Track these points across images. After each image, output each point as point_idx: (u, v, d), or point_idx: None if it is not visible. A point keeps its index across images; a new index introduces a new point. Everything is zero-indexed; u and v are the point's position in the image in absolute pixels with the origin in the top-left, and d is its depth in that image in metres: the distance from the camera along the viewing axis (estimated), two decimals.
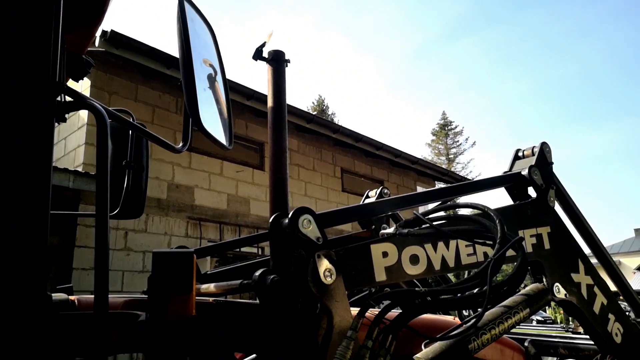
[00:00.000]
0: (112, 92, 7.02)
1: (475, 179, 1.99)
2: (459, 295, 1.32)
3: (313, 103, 42.81)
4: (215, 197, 8.16)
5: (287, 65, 1.73)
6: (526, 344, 1.94)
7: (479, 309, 1.73)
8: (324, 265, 1.35)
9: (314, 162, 10.39)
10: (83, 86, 7.07)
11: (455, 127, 44.37)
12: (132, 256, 6.79)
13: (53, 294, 1.37)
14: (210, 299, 1.49)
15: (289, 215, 1.35)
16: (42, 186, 0.88)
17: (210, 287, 1.65)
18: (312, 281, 1.32)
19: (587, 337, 2.61)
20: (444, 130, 43.92)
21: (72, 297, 1.43)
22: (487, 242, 1.50)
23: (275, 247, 1.38)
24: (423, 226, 1.59)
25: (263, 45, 1.66)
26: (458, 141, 43.77)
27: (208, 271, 2.16)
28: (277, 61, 1.70)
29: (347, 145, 10.48)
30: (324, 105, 42.49)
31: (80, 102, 0.94)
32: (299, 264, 1.31)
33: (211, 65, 1.62)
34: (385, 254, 1.54)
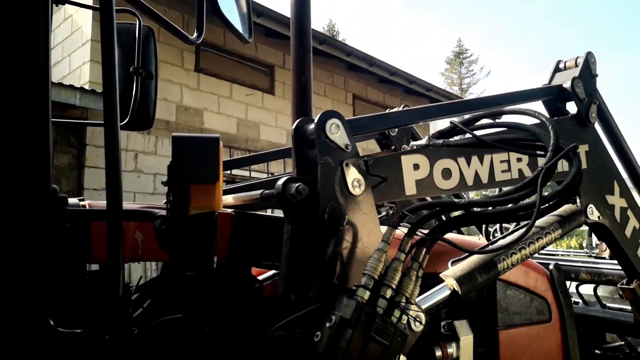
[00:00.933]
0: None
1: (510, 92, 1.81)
2: (503, 206, 1.21)
3: (323, 28, 41.17)
4: (225, 120, 8.00)
5: None
6: (551, 267, 1.87)
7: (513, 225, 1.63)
8: (353, 174, 1.24)
9: (325, 87, 10.08)
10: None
11: (470, 55, 42.81)
12: (142, 178, 6.79)
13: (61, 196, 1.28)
14: (229, 210, 1.40)
15: (316, 120, 1.22)
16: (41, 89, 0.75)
17: (228, 198, 1.57)
18: (339, 191, 1.21)
19: (610, 262, 2.56)
20: (459, 58, 42.39)
21: (82, 202, 1.34)
22: (539, 152, 1.37)
23: (299, 154, 1.26)
24: (460, 137, 1.46)
25: None
26: (472, 70, 42.41)
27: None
28: None
29: (360, 69, 10.10)
30: (334, 31, 40.90)
31: None
32: (326, 173, 1.20)
33: None
34: (416, 167, 1.43)
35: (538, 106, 1.86)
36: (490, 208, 1.31)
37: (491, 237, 2.69)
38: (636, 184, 2.09)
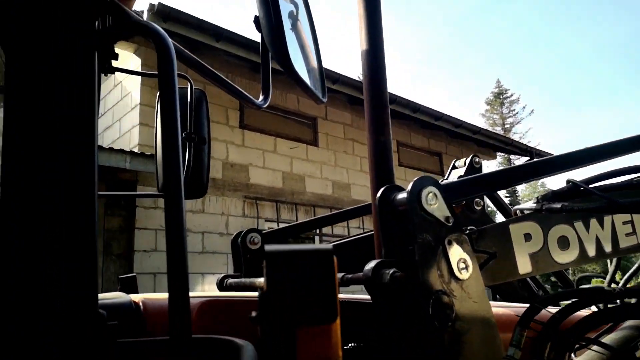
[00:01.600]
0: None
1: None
2: None
3: (358, 78, 41.92)
4: (270, 175, 7.94)
5: None
6: None
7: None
8: (457, 253, 0.99)
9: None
10: (133, 65, 6.95)
11: (511, 95, 42.14)
12: (191, 237, 6.71)
13: (109, 296, 1.08)
14: None
15: (409, 189, 0.99)
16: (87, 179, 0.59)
17: None
18: (443, 276, 0.96)
19: None
20: (499, 99, 41.81)
21: (135, 298, 1.15)
22: None
23: (386, 229, 1.03)
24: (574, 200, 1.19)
25: None
26: (514, 110, 41.61)
27: None
28: None
29: (404, 116, 9.94)
30: None
31: (129, 23, 0.62)
32: (425, 254, 0.96)
33: (293, 2, 1.27)
34: (527, 237, 1.16)
35: None
36: None
37: None
38: None
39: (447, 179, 2.23)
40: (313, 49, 1.19)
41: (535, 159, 1.29)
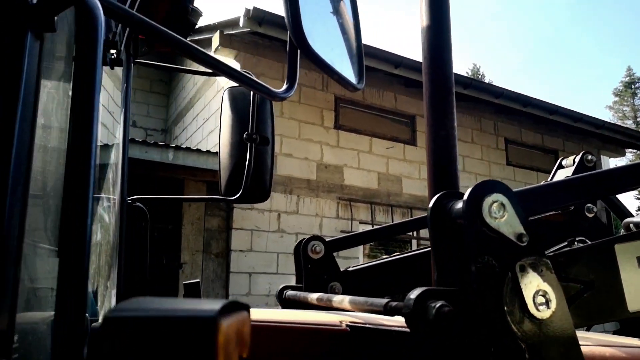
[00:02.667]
0: (260, 74, 7.03)
1: None
2: None
3: (467, 72, 39.98)
4: (365, 176, 7.76)
5: None
6: None
7: None
8: (534, 284, 0.73)
9: (472, 133, 9.31)
10: None
11: None
12: (285, 238, 6.78)
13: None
14: (344, 324, 0.99)
15: (466, 196, 0.76)
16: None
17: (345, 302, 1.15)
18: (512, 313, 0.72)
19: None
20: (630, 88, 37.11)
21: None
22: None
23: (442, 249, 0.81)
24: None
25: None
26: None
27: (350, 267, 1.68)
28: None
29: (513, 111, 9.14)
30: (479, 74, 39.39)
31: None
32: (487, 283, 0.72)
33: None
34: None
35: None
36: None
37: None
38: None
39: (551, 179, 1.88)
40: (354, 33, 1.00)
41: None
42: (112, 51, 1.08)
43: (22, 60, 0.47)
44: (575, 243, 1.23)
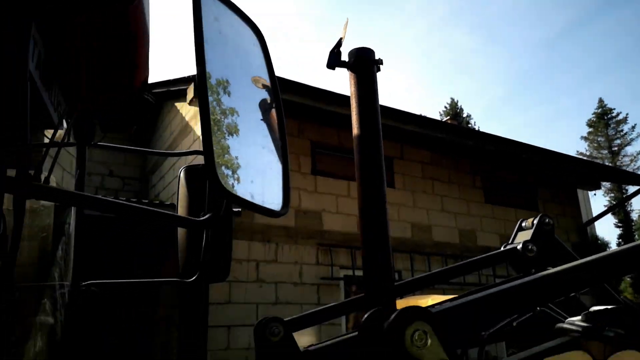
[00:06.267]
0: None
1: None
2: None
3: (445, 107, 40.84)
4: (344, 220, 7.74)
5: (378, 69, 1.15)
6: None
7: None
8: None
9: (450, 173, 9.42)
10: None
11: (617, 114, 38.36)
12: (264, 287, 6.67)
13: None
14: None
15: (388, 324, 0.75)
16: None
17: None
18: None
19: None
20: (603, 119, 38.24)
21: None
22: None
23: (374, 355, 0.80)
24: None
25: (339, 44, 1.11)
26: (622, 130, 37.71)
27: (311, 346, 1.63)
28: (363, 65, 1.14)
29: (488, 150, 9.31)
30: (457, 108, 40.25)
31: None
32: None
33: (265, 87, 1.11)
34: None
35: None
36: None
37: None
38: None
39: (511, 242, 1.88)
40: (281, 146, 1.01)
41: (586, 258, 0.96)
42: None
43: None
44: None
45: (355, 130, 1.09)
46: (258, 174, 0.93)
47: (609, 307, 0.94)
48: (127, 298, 5.79)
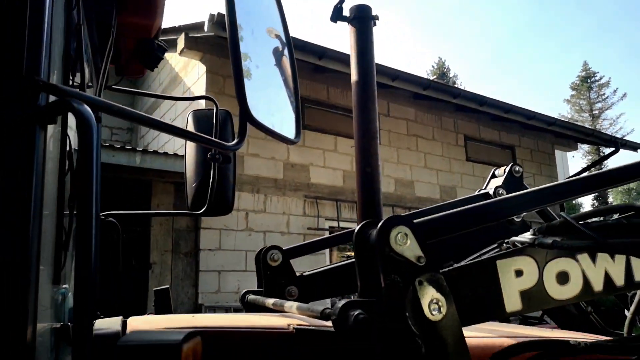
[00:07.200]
0: (227, 76, 7.15)
1: None
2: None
3: (433, 67, 40.73)
4: (331, 174, 8.01)
5: (374, 24, 1.34)
6: None
7: None
8: (429, 294, 0.97)
9: (434, 130, 9.69)
10: (199, 72, 7.30)
11: (600, 78, 38.78)
12: (253, 236, 6.97)
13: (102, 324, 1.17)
14: (291, 327, 1.21)
15: (377, 228, 0.99)
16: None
17: (293, 307, 1.37)
18: (412, 318, 0.95)
19: None
20: (587, 82, 38.67)
21: (136, 322, 1.23)
22: None
23: (362, 268, 1.04)
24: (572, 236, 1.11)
25: (342, 0, 1.30)
26: (604, 94, 38.26)
27: (305, 272, 1.89)
28: (362, 19, 1.33)
29: (470, 110, 9.56)
30: (444, 68, 40.18)
31: (57, 104, 0.66)
32: (393, 294, 0.96)
33: (277, 36, 1.30)
34: (519, 273, 1.11)
35: None
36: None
37: None
38: None
39: (484, 188, 2.16)
40: (293, 85, 1.21)
41: (543, 186, 1.21)
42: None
43: (33, 143, 0.65)
44: (504, 245, 1.45)
45: (353, 77, 1.30)
46: (276, 108, 1.14)
47: (550, 223, 1.21)
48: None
